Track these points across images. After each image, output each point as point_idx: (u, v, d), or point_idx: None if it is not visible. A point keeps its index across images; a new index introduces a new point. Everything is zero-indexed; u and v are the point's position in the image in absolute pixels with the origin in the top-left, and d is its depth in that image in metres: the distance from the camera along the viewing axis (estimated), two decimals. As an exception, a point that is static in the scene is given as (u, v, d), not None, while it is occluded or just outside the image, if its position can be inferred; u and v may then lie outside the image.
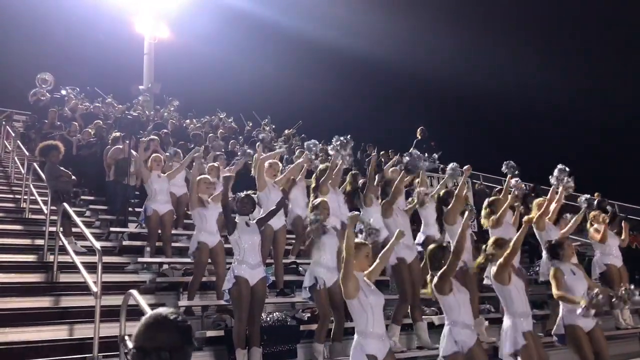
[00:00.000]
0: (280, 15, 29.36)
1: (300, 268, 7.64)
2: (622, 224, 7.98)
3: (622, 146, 25.07)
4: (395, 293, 6.44)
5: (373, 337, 4.09)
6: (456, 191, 6.58)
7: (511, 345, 4.73)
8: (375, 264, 4.43)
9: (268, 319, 5.86)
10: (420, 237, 7.01)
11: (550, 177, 7.15)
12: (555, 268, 5.27)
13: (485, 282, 5.64)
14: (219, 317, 6.04)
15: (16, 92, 16.67)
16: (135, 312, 4.39)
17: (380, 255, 4.50)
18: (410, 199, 7.32)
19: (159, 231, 7.46)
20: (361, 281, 4.20)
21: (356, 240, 4.42)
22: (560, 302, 5.31)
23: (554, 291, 5.23)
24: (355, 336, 4.18)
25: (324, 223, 5.67)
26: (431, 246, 4.88)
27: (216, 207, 6.49)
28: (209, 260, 6.42)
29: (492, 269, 4.90)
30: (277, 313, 6.10)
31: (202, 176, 6.69)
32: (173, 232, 7.93)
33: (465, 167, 6.92)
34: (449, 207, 6.53)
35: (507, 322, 4.84)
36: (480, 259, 5.03)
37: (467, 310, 4.56)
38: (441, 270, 4.53)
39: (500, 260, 4.82)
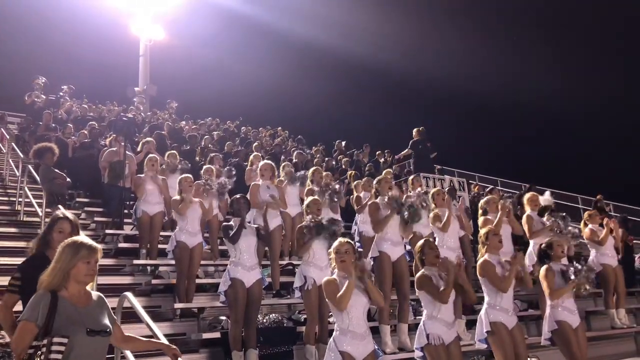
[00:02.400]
0: (276, 17, 29.40)
1: (296, 269, 7.63)
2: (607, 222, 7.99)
3: (621, 146, 25.20)
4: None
5: (351, 336, 4.06)
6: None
7: (484, 328, 4.83)
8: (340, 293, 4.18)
9: (264, 320, 5.85)
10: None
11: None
12: (547, 268, 5.29)
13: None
14: (215, 319, 6.02)
15: (11, 94, 16.63)
16: (130, 315, 4.37)
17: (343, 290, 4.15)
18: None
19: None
20: (341, 282, 4.16)
21: (339, 239, 4.39)
22: (547, 300, 5.31)
23: (545, 290, 5.27)
24: (334, 333, 4.17)
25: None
26: (419, 242, 4.94)
27: (198, 208, 6.51)
28: (204, 262, 6.42)
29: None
30: (273, 314, 6.08)
31: (184, 175, 6.75)
32: (169, 233, 7.90)
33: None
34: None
35: (482, 309, 4.95)
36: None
37: (446, 307, 4.57)
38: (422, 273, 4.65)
39: (482, 251, 5.03)
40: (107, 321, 2.96)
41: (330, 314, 5.73)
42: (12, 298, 3.51)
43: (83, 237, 3.09)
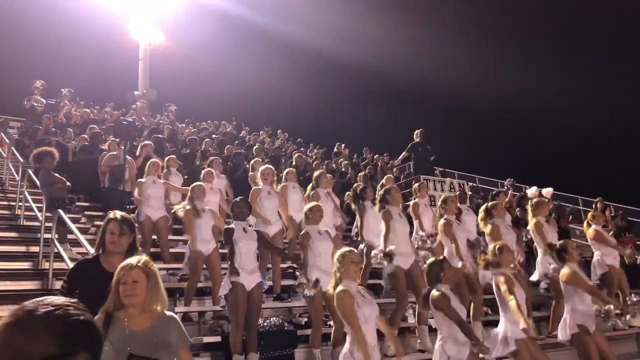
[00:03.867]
0: (275, 21, 29.42)
1: (297, 273, 7.62)
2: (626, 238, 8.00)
3: (622, 147, 25.22)
4: (389, 296, 6.39)
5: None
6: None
7: (502, 349, 4.82)
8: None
9: (265, 324, 5.83)
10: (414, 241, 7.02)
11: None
12: (572, 271, 5.31)
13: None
14: (216, 323, 6.01)
15: (10, 98, 16.63)
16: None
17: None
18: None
19: (154, 237, 7.44)
20: (354, 292, 4.13)
21: (343, 248, 4.39)
22: (566, 303, 5.33)
23: (581, 288, 5.27)
24: (347, 344, 4.10)
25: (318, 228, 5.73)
26: (429, 261, 4.86)
27: (211, 216, 6.49)
28: (204, 266, 6.41)
29: (495, 277, 4.97)
30: (274, 318, 6.06)
31: (196, 183, 6.72)
32: (170, 237, 7.90)
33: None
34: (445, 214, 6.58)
35: (500, 326, 4.91)
36: (481, 263, 5.11)
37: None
38: (440, 292, 4.52)
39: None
40: (162, 349, 2.78)
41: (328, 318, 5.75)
42: None
43: (133, 257, 2.99)
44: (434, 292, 4.54)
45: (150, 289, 2.85)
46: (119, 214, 3.56)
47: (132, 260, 2.92)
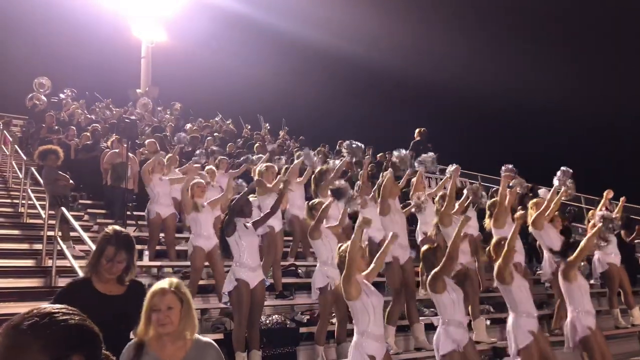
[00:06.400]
0: (278, 19, 29.40)
1: (299, 270, 7.64)
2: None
3: (624, 146, 25.16)
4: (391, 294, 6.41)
5: (373, 338, 4.09)
6: (448, 192, 6.59)
7: (515, 344, 4.81)
8: (371, 267, 4.44)
9: (267, 321, 5.85)
10: (418, 236, 7.03)
11: (554, 179, 7.15)
12: (567, 265, 5.31)
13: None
14: (219, 320, 6.03)
15: (13, 96, 16.66)
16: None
17: (376, 258, 4.51)
18: (407, 202, 7.26)
19: (161, 235, 7.48)
20: (361, 282, 4.20)
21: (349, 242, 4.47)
22: (568, 304, 5.32)
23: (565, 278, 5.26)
24: (355, 336, 4.17)
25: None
26: (424, 248, 4.92)
27: (211, 211, 6.51)
28: (206, 264, 6.43)
29: (495, 269, 4.98)
30: (276, 315, 6.08)
31: (196, 180, 6.71)
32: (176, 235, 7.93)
33: (454, 168, 6.89)
34: (442, 209, 6.51)
35: (510, 321, 4.91)
36: (484, 259, 5.18)
37: (460, 309, 4.62)
38: (434, 270, 4.61)
39: (499, 261, 4.90)
40: None
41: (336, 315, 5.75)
42: None
43: (164, 280, 2.73)
44: (429, 277, 4.66)
45: (183, 315, 2.62)
46: (117, 234, 3.17)
47: (164, 283, 2.67)
